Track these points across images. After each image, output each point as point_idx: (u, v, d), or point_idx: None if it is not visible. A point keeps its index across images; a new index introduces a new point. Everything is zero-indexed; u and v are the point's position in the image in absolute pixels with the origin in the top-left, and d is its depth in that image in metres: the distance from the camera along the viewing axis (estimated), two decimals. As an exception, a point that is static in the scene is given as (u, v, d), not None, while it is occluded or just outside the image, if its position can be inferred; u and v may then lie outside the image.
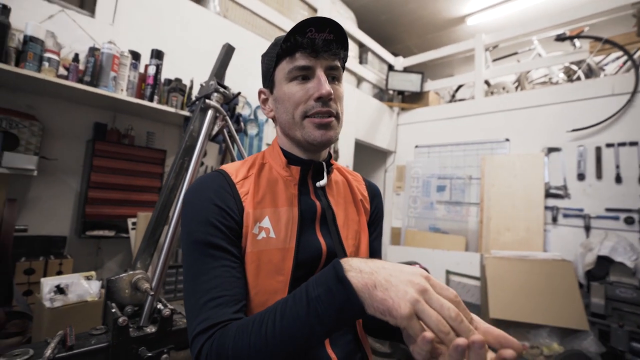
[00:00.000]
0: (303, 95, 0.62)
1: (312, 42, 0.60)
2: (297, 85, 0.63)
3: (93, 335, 0.98)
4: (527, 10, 4.01)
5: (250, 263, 0.59)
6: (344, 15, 3.72)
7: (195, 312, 0.53)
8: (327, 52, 0.61)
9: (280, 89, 0.65)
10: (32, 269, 1.47)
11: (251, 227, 0.61)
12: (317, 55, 0.61)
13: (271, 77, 0.67)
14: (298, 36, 0.60)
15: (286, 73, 0.63)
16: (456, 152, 3.61)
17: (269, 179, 0.67)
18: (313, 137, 0.63)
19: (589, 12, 2.98)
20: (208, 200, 0.60)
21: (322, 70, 0.62)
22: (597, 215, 2.59)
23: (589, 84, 2.86)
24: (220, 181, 0.63)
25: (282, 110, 0.66)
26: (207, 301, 0.53)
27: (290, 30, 0.59)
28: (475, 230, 3.28)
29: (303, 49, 0.60)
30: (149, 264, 1.17)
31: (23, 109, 1.57)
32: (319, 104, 0.62)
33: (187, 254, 0.59)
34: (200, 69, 2.08)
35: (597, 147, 2.68)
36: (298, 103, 0.63)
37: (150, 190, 1.88)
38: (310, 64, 0.61)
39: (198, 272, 0.56)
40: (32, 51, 1.35)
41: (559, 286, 2.31)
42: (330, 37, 0.61)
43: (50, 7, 1.64)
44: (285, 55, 0.62)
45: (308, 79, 0.62)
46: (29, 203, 1.61)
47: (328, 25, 0.59)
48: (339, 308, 0.41)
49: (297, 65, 0.61)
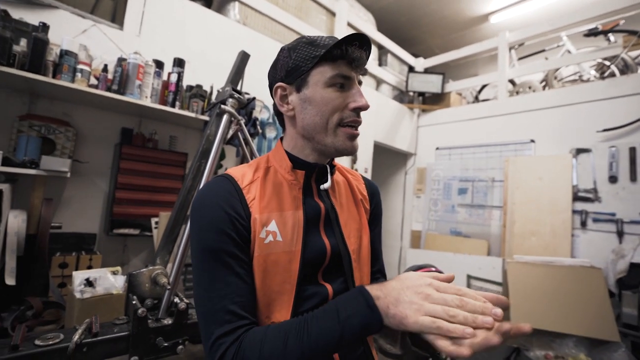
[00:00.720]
0: (341, 102, 0.65)
1: (354, 56, 0.64)
2: (335, 92, 0.65)
3: (116, 324, 1.06)
4: (555, 5, 3.83)
5: (258, 266, 0.61)
6: (363, 18, 3.73)
7: (212, 316, 0.55)
8: (360, 67, 0.66)
9: (315, 91, 0.65)
10: (66, 263, 1.59)
11: (258, 232, 0.62)
12: (355, 68, 0.65)
13: (303, 76, 0.66)
14: (347, 46, 0.63)
15: (328, 77, 0.64)
16: (478, 153, 3.51)
17: (274, 182, 0.68)
18: (345, 146, 0.67)
19: (623, 4, 2.81)
20: (217, 207, 0.61)
21: (356, 82, 0.67)
22: (631, 220, 2.43)
23: (623, 81, 2.69)
24: (227, 187, 0.65)
25: (314, 113, 0.66)
26: (223, 306, 0.55)
27: (341, 39, 0.62)
28: (498, 234, 3.17)
29: (349, 59, 0.64)
30: (168, 260, 1.24)
31: (59, 116, 1.71)
32: (354, 114, 0.66)
33: (198, 261, 0.60)
34: (220, 75, 2.17)
35: (631, 147, 2.51)
36: (336, 109, 0.65)
37: (172, 192, 1.97)
38: (352, 75, 0.65)
39: (212, 279, 0.58)
40: (67, 64, 1.48)
41: (587, 294, 2.18)
42: (365, 54, 0.66)
43: (84, 22, 1.78)
44: (328, 59, 0.64)
45: (343, 88, 0.66)
46: (63, 202, 1.75)
47: (365, 42, 0.64)
48: (366, 328, 0.49)
49: (340, 73, 0.64)
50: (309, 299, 0.64)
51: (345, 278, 0.69)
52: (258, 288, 0.61)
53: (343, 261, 0.69)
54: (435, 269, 1.95)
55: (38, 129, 1.61)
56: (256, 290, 0.61)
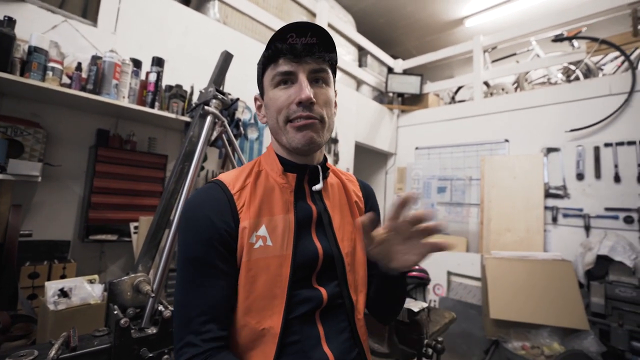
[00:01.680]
0: (285, 100, 0.63)
1: (292, 48, 0.60)
2: (280, 91, 0.64)
3: (96, 336, 1.00)
4: (525, 12, 4.03)
5: (248, 271, 0.61)
6: (343, 19, 3.76)
7: (186, 323, 0.57)
8: (310, 56, 0.61)
9: (267, 95, 0.67)
10: (37, 273, 1.49)
11: (247, 237, 0.62)
12: (299, 60, 0.61)
13: (261, 84, 0.69)
14: (278, 43, 0.61)
15: (271, 79, 0.64)
16: (456, 153, 3.63)
17: (265, 186, 0.68)
18: (296, 141, 0.63)
19: (586, 12, 3.00)
20: (204, 217, 0.61)
21: (304, 74, 0.62)
22: (597, 214, 2.60)
23: (587, 84, 2.87)
24: (217, 195, 0.64)
25: (270, 116, 0.67)
26: (196, 316, 0.57)
27: (271, 38, 0.61)
28: (476, 231, 3.28)
29: (284, 54, 0.61)
30: (150, 266, 1.19)
31: (27, 117, 1.61)
32: (300, 108, 0.62)
33: (181, 267, 0.61)
34: (201, 75, 2.12)
35: (595, 146, 2.69)
36: (281, 108, 0.63)
37: (152, 195, 1.91)
38: (292, 69, 0.62)
39: (191, 287, 0.59)
40: (36, 61, 1.39)
41: (559, 286, 2.31)
42: (313, 40, 0.61)
43: (54, 17, 1.69)
44: (270, 62, 0.64)
45: (292, 84, 0.63)
46: (34, 208, 1.65)
47: (309, 29, 0.60)
48: None
49: (279, 71, 0.62)
50: (302, 303, 0.63)
51: (339, 281, 0.69)
52: (248, 292, 0.60)
53: (336, 264, 0.69)
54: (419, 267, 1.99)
55: (4, 131, 1.50)
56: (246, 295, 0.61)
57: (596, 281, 2.23)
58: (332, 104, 0.68)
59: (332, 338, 0.65)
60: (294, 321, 0.62)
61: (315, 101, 0.62)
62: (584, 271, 2.32)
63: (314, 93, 0.62)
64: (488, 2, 3.96)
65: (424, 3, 4.08)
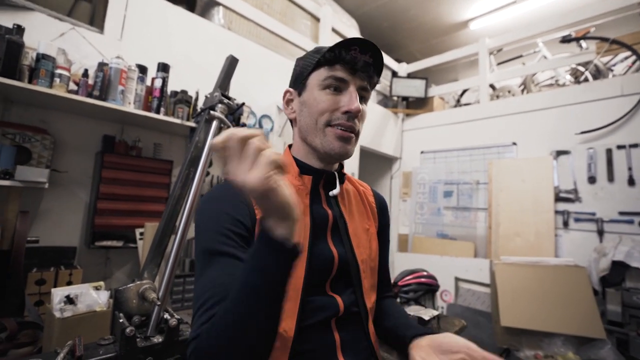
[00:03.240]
0: (331, 105, 0.64)
1: (353, 60, 0.63)
2: (328, 95, 0.65)
3: (101, 345, 0.99)
4: (531, 13, 4.00)
5: None
6: (347, 23, 3.77)
7: (195, 315, 0.55)
8: (364, 73, 0.65)
9: (310, 94, 0.67)
10: (43, 280, 1.49)
11: None
12: (354, 72, 0.64)
13: (304, 80, 0.69)
14: (342, 50, 0.62)
15: (321, 80, 0.65)
16: (462, 157, 3.59)
17: None
18: (332, 146, 0.65)
19: (594, 12, 2.96)
20: (221, 209, 0.61)
21: (354, 87, 0.65)
22: (610, 219, 2.53)
23: (597, 85, 2.82)
24: (233, 191, 0.64)
25: (307, 114, 0.67)
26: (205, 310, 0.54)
27: (337, 43, 0.62)
28: (484, 236, 3.23)
29: (344, 62, 0.63)
30: (156, 274, 1.18)
31: (35, 123, 1.62)
32: (344, 117, 0.64)
33: (198, 261, 0.60)
34: (206, 80, 2.13)
35: (607, 149, 2.63)
36: (324, 111, 0.65)
37: (158, 201, 1.90)
38: (347, 78, 0.64)
39: (202, 278, 0.57)
40: (44, 68, 1.40)
41: (572, 293, 2.24)
42: (370, 60, 0.64)
43: (62, 25, 1.70)
44: (325, 64, 0.64)
45: (340, 91, 0.65)
46: (41, 215, 1.65)
47: (371, 49, 0.63)
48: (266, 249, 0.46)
49: (334, 75, 0.64)
50: (317, 310, 0.62)
51: (354, 289, 0.67)
52: None
53: (351, 271, 0.67)
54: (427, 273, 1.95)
55: (12, 137, 1.51)
56: None
57: (612, 288, 2.16)
58: (364, 121, 0.71)
59: (348, 348, 0.63)
60: (308, 329, 0.60)
61: (359, 115, 0.66)
62: (599, 277, 2.26)
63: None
64: (493, 4, 3.94)
65: (428, 6, 4.07)
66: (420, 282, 1.78)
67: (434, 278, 1.85)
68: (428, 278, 1.82)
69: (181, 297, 1.79)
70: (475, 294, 2.96)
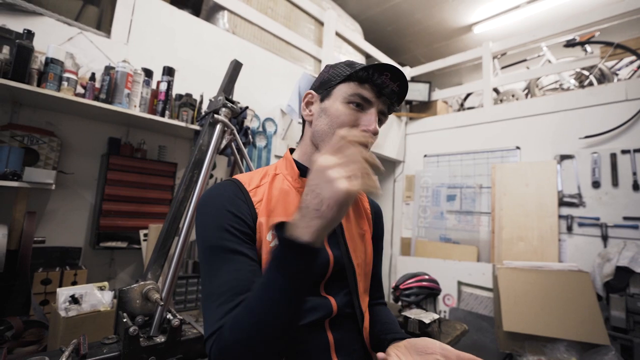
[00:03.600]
0: (351, 121, 0.66)
1: (383, 84, 0.65)
2: (350, 110, 0.66)
3: (105, 344, 1.01)
4: (535, 17, 3.99)
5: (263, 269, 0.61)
6: (351, 27, 3.79)
7: (209, 315, 0.55)
8: (388, 99, 0.67)
9: (333, 103, 0.68)
10: (49, 279, 1.51)
11: (265, 234, 0.62)
12: (380, 96, 0.66)
13: (330, 88, 0.70)
14: (375, 72, 0.64)
15: (348, 94, 0.66)
16: (466, 160, 3.58)
17: (281, 189, 0.69)
18: None
19: (599, 17, 2.95)
20: (221, 207, 0.62)
21: (376, 110, 0.67)
22: (615, 224, 2.51)
23: (601, 90, 2.81)
24: (233, 189, 0.65)
25: (325, 122, 0.68)
26: (219, 304, 0.54)
27: (372, 64, 0.64)
28: (487, 240, 3.21)
29: (374, 84, 0.65)
30: (160, 274, 1.19)
31: (43, 126, 1.65)
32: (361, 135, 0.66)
33: (202, 260, 0.61)
34: (210, 84, 2.16)
35: (612, 153, 2.61)
36: (344, 124, 0.66)
37: (162, 203, 1.92)
38: (372, 100, 0.66)
39: (213, 277, 0.58)
40: (52, 72, 1.43)
41: (576, 298, 2.23)
42: (397, 89, 0.67)
43: (70, 29, 1.74)
44: (356, 80, 0.66)
45: (362, 110, 0.66)
46: (47, 215, 1.68)
47: (400, 79, 0.65)
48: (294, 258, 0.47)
49: (361, 94, 0.65)
50: (310, 311, 0.63)
51: (349, 290, 0.68)
52: None
53: (347, 274, 0.69)
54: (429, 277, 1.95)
55: (20, 139, 1.55)
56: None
57: (616, 294, 2.15)
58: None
59: (342, 348, 0.64)
60: (303, 329, 0.61)
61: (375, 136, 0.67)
62: (603, 283, 2.24)
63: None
64: (497, 8, 3.94)
65: (432, 10, 4.09)
66: (421, 285, 1.78)
67: (435, 282, 1.85)
68: (429, 282, 1.82)
69: (184, 298, 1.80)
70: (478, 299, 2.95)
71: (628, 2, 2.76)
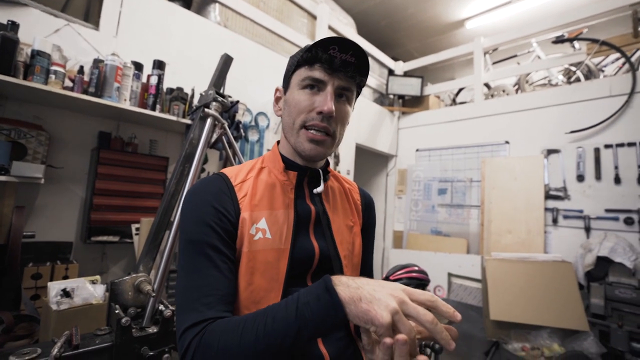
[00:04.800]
0: (308, 105, 0.64)
1: (331, 59, 0.62)
2: (305, 95, 0.65)
3: (98, 335, 1.02)
4: (526, 13, 4.03)
5: (247, 262, 0.62)
6: (344, 21, 3.78)
7: (186, 307, 0.55)
8: (343, 72, 0.63)
9: (291, 93, 0.68)
10: (40, 274, 1.51)
11: (248, 228, 0.63)
12: (332, 72, 0.63)
13: (288, 79, 0.70)
14: (320, 50, 0.62)
15: (300, 80, 0.66)
16: (457, 155, 3.63)
17: (267, 182, 0.69)
18: (302, 148, 0.66)
19: (587, 14, 3.00)
20: (206, 202, 0.62)
21: (332, 87, 0.64)
22: (597, 216, 2.59)
23: (587, 86, 2.87)
24: (219, 184, 0.66)
25: (287, 113, 0.69)
26: (198, 297, 0.55)
27: (315, 42, 0.62)
28: (477, 232, 3.28)
29: (321, 62, 0.62)
30: (151, 267, 1.20)
31: (30, 119, 1.63)
32: (319, 117, 0.64)
33: (182, 252, 0.61)
34: (201, 78, 2.14)
35: (595, 148, 2.68)
36: (301, 111, 0.65)
37: (153, 197, 1.92)
38: (324, 78, 0.63)
39: (191, 270, 0.58)
40: (39, 64, 1.41)
41: (559, 287, 2.31)
42: (352, 60, 0.63)
43: (57, 21, 1.71)
44: (305, 63, 0.65)
45: (318, 91, 0.65)
46: (37, 210, 1.67)
47: (351, 48, 0.62)
48: (325, 315, 0.45)
49: (311, 76, 0.64)
50: None
51: None
52: (247, 283, 0.61)
53: (334, 266, 0.70)
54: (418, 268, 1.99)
55: (7, 133, 1.53)
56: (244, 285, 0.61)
57: (596, 282, 2.23)
58: (346, 122, 0.70)
59: (328, 337, 0.65)
60: None
61: (334, 115, 0.64)
62: (584, 272, 2.32)
63: (335, 108, 0.64)
64: (488, 4, 3.97)
65: (425, 5, 4.10)
66: (411, 276, 1.82)
67: (424, 273, 1.90)
68: (419, 273, 1.86)
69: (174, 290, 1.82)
70: (468, 289, 3.02)
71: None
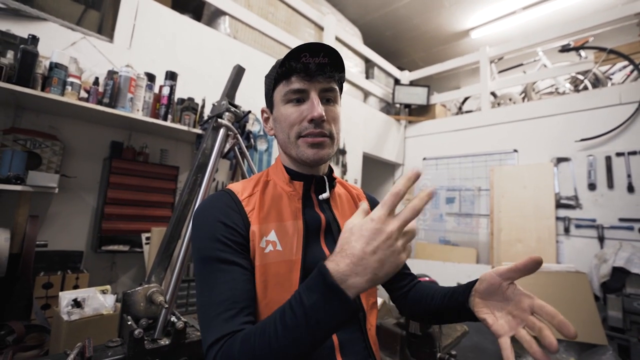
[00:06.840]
0: (297, 117, 0.65)
1: (305, 67, 0.63)
2: (292, 107, 0.66)
3: (110, 347, 1.01)
4: (531, 23, 4.05)
5: (259, 276, 0.61)
6: (350, 32, 3.83)
7: (208, 324, 0.56)
8: (321, 75, 0.64)
9: (278, 110, 0.69)
10: (51, 283, 1.51)
11: (258, 242, 0.63)
12: (311, 78, 0.64)
13: (271, 98, 0.71)
14: (292, 61, 0.63)
15: (282, 95, 0.67)
16: (464, 163, 3.61)
17: (273, 195, 0.70)
18: (306, 155, 0.66)
19: (593, 22, 3.01)
20: (215, 218, 0.62)
21: (316, 93, 0.65)
22: (611, 225, 2.55)
23: (596, 94, 2.85)
24: (226, 200, 0.66)
25: (280, 130, 0.69)
26: (218, 314, 0.55)
27: (285, 56, 0.63)
28: (486, 242, 3.24)
29: (297, 73, 0.63)
30: (163, 277, 1.20)
31: (45, 129, 1.66)
32: (311, 125, 0.65)
33: (198, 270, 0.61)
34: (212, 88, 2.17)
35: (607, 156, 2.65)
36: (293, 124, 0.66)
37: (164, 206, 1.93)
38: (305, 87, 0.64)
39: (209, 287, 0.58)
40: (56, 76, 1.44)
41: (573, 299, 2.25)
42: (325, 60, 0.64)
43: (73, 34, 1.75)
44: (282, 78, 0.66)
45: (303, 101, 0.66)
46: (49, 219, 1.68)
47: (322, 50, 0.63)
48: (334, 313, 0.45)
49: (291, 89, 0.65)
50: None
51: None
52: (260, 297, 0.61)
53: None
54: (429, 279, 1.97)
55: (23, 143, 1.55)
56: (259, 300, 0.61)
57: (613, 294, 2.17)
58: (339, 120, 0.71)
59: (346, 349, 0.64)
60: None
61: (325, 119, 0.65)
62: (600, 283, 2.26)
63: (324, 111, 0.65)
64: (494, 13, 4.00)
65: (430, 15, 4.14)
66: (422, 287, 1.80)
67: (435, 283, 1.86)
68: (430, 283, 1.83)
69: (185, 301, 1.81)
70: (477, 301, 2.96)
71: (621, 9, 2.82)
